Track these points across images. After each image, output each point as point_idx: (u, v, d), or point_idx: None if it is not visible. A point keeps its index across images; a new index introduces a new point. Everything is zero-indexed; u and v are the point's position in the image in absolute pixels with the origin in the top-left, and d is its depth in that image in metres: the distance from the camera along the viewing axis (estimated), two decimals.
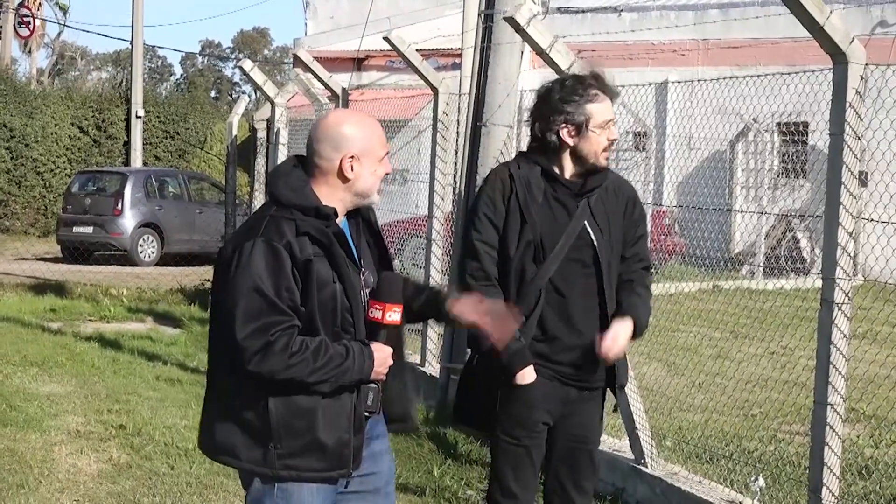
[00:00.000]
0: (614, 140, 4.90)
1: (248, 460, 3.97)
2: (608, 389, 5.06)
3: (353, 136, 4.01)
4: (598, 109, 4.83)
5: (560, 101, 4.84)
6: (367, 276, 4.13)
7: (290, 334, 3.84)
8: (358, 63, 26.26)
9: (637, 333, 4.91)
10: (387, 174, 4.12)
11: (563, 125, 4.83)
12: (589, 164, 4.86)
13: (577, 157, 4.86)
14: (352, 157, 3.99)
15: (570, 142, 4.84)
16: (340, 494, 4.12)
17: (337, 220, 4.03)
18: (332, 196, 4.01)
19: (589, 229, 4.86)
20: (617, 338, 4.80)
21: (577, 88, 4.84)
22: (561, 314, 4.84)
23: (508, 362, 4.76)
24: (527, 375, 4.78)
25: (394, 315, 4.08)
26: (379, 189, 4.13)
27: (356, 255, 4.08)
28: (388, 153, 4.13)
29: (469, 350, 5.05)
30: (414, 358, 10.46)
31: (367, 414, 4.06)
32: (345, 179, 4.01)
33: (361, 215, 4.19)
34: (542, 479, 5.11)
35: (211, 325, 4.09)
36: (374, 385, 4.06)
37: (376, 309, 4.07)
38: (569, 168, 4.88)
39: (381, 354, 4.03)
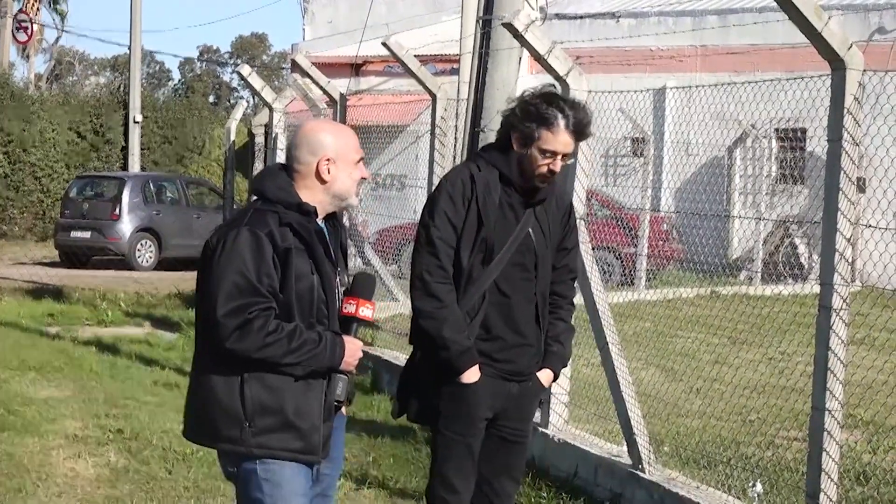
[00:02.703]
0: (554, 172, 4.92)
1: (224, 440, 4.19)
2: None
3: (328, 142, 4.29)
4: (547, 137, 4.87)
5: (524, 107, 4.93)
6: (342, 276, 4.39)
7: (266, 316, 4.09)
8: (356, 68, 26.25)
9: (556, 377, 5.26)
10: (363, 179, 4.38)
11: (515, 131, 4.94)
12: (527, 176, 4.95)
13: (520, 166, 4.94)
14: (328, 159, 4.27)
15: (517, 148, 4.94)
16: None
17: (317, 220, 4.28)
18: (311, 198, 4.28)
19: (532, 236, 5.00)
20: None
21: (543, 107, 4.88)
22: (504, 315, 4.98)
23: (456, 360, 4.89)
24: (472, 374, 4.91)
25: (366, 311, 4.33)
26: (357, 192, 4.40)
27: (333, 255, 4.32)
28: (362, 159, 4.38)
29: (412, 346, 5.15)
30: None
31: (336, 403, 4.29)
32: (322, 181, 4.29)
33: (336, 227, 4.43)
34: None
35: (196, 313, 4.31)
36: (344, 376, 4.27)
37: (350, 304, 4.31)
38: (517, 174, 4.97)
39: (353, 346, 4.28)
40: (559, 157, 4.89)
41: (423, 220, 5.00)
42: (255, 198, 4.38)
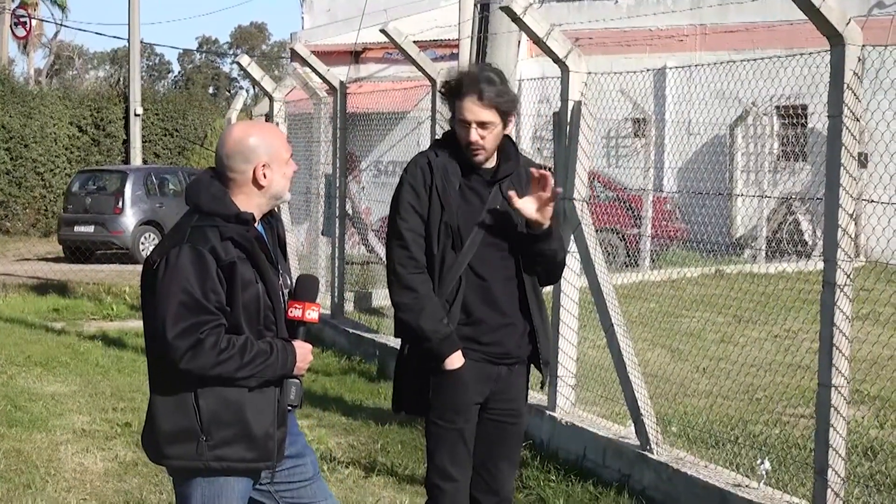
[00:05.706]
0: (473, 142, 4.91)
1: (179, 457, 4.18)
2: (532, 365, 5.19)
3: (260, 146, 4.25)
4: (460, 107, 4.93)
5: (451, 90, 4.98)
6: (285, 278, 4.38)
7: (217, 332, 4.08)
8: (355, 56, 26.23)
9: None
10: (295, 172, 4.38)
11: (452, 112, 5.01)
12: (465, 152, 4.97)
13: (459, 143, 4.98)
14: (263, 165, 4.24)
15: (455, 128, 4.99)
16: (275, 486, 4.37)
17: (255, 225, 4.27)
18: (249, 203, 4.26)
19: (502, 214, 4.98)
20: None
21: (462, 82, 4.93)
22: (483, 297, 4.96)
23: (437, 348, 4.88)
24: (455, 360, 4.90)
25: (312, 313, 4.32)
26: (290, 187, 4.40)
27: (274, 258, 4.32)
28: (291, 154, 4.37)
29: (400, 339, 5.15)
30: None
31: (289, 408, 4.31)
32: (259, 187, 4.26)
33: (272, 224, 4.43)
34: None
35: (144, 330, 4.26)
36: (296, 380, 4.29)
37: (296, 308, 4.31)
38: (464, 153, 4.98)
39: (302, 351, 4.30)
40: (473, 125, 4.89)
41: (391, 215, 5.03)
42: (189, 209, 4.31)
